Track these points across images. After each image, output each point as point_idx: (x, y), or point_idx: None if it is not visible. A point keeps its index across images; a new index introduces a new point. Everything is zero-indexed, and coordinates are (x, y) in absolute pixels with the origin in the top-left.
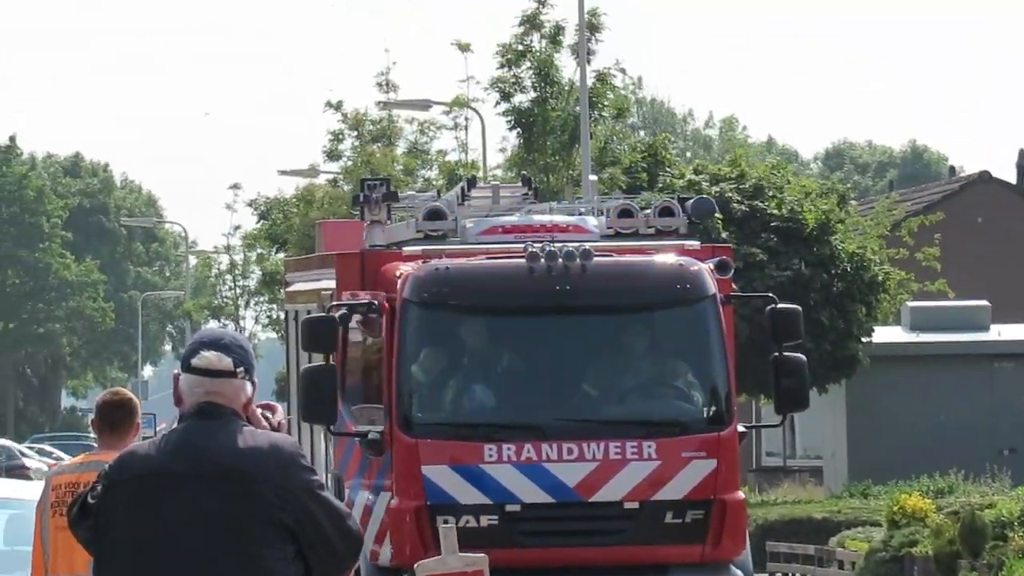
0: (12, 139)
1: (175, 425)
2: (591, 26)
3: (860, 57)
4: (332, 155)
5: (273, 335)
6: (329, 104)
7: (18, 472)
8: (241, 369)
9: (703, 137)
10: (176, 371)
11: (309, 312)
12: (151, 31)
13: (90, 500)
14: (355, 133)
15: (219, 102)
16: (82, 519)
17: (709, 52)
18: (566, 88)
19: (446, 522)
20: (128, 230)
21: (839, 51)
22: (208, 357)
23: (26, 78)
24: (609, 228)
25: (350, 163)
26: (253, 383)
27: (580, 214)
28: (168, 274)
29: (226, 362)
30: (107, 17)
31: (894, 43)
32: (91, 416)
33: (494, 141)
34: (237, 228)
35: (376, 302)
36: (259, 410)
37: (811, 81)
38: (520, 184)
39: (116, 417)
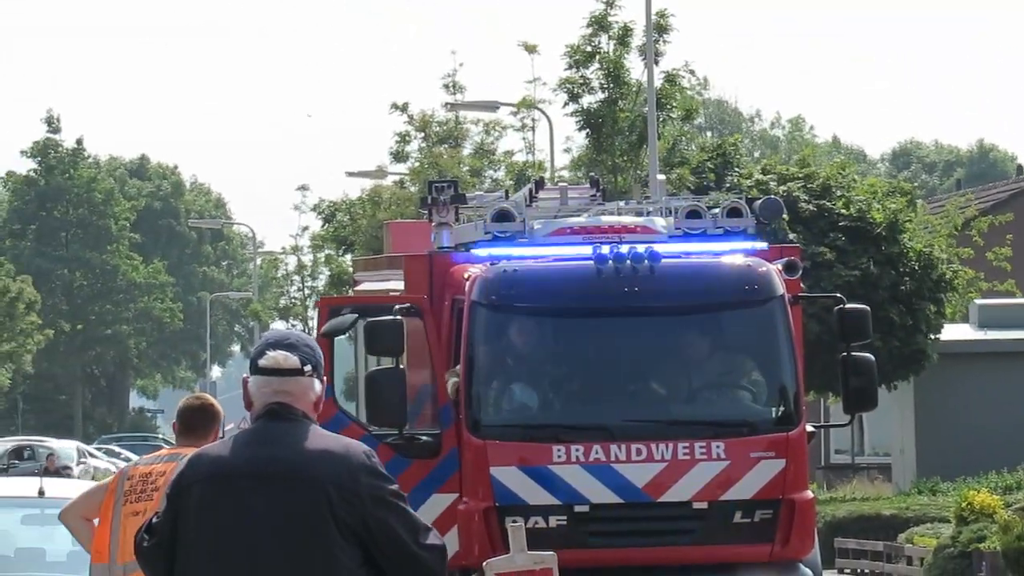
0: (79, 142)
1: (244, 426)
2: (659, 27)
3: (927, 57)
4: (399, 157)
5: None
6: (395, 106)
7: (65, 473)
8: (309, 367)
9: (770, 137)
10: (245, 375)
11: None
12: (217, 34)
13: (154, 520)
14: (422, 135)
15: (288, 104)
16: (148, 539)
17: (776, 52)
18: (634, 89)
19: (514, 522)
20: (196, 231)
21: (907, 51)
22: (275, 356)
23: (92, 81)
24: (677, 228)
25: (417, 164)
26: (322, 381)
27: (648, 214)
28: (236, 274)
29: (293, 360)
30: (174, 18)
31: (961, 42)
32: (163, 417)
33: (561, 142)
34: (305, 229)
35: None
36: None
37: (878, 80)
38: (588, 185)
39: (196, 421)
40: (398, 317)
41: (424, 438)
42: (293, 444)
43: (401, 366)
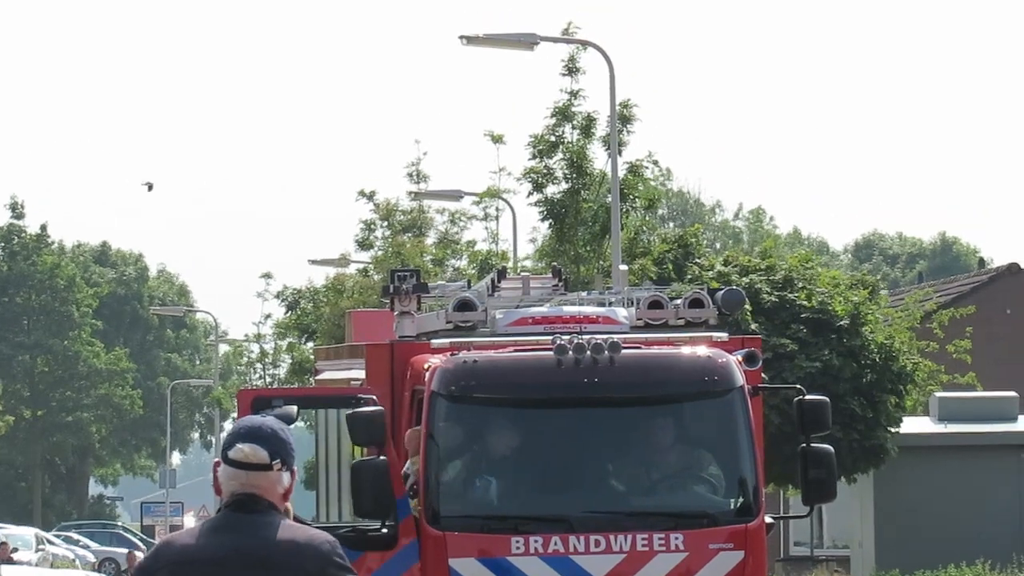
0: (43, 228)
1: (204, 515)
2: (623, 118)
3: (890, 149)
4: (364, 244)
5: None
6: (362, 193)
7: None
8: (278, 461)
9: (731, 228)
10: (216, 459)
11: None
12: (182, 121)
13: None
14: (385, 223)
15: (250, 192)
16: None
17: (739, 143)
18: (598, 179)
19: None
20: (159, 318)
21: (870, 143)
22: (244, 450)
23: (57, 167)
24: (639, 319)
25: (380, 253)
26: (292, 473)
27: (610, 305)
28: (198, 362)
29: (262, 455)
30: (137, 106)
31: (924, 135)
32: (123, 505)
33: (525, 231)
34: (268, 317)
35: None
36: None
37: (841, 173)
38: (550, 275)
39: None
40: (380, 408)
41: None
42: (259, 534)
43: (383, 456)
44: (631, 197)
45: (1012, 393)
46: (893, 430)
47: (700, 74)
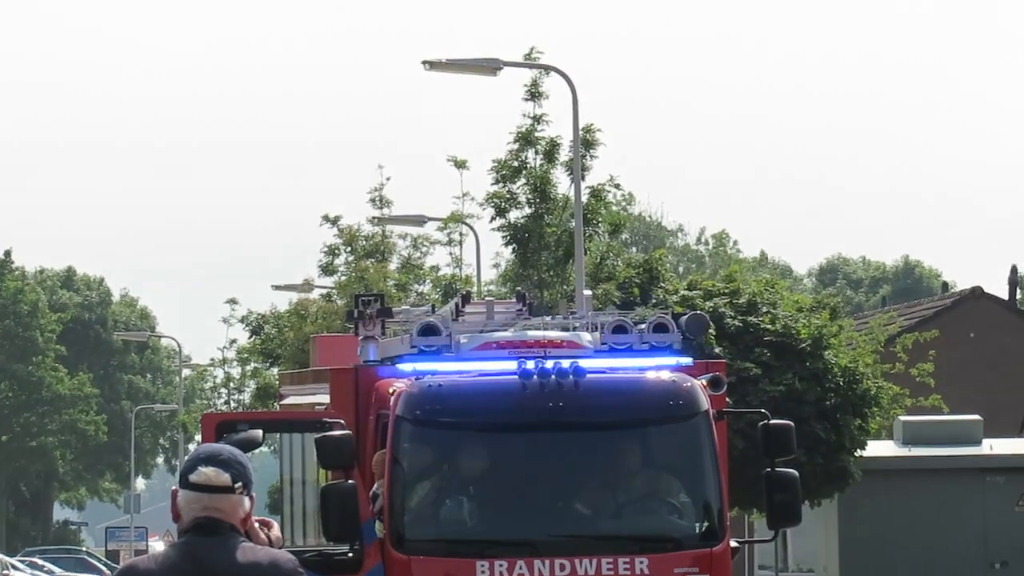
0: (7, 254)
1: (169, 539)
2: (586, 143)
3: (853, 173)
4: (327, 270)
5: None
6: (326, 218)
7: None
8: (239, 484)
9: (694, 252)
10: (174, 487)
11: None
12: (145, 146)
13: None
14: (349, 248)
15: (213, 217)
16: None
17: (702, 168)
18: (561, 204)
19: None
20: (123, 342)
21: (833, 167)
22: (206, 473)
23: (20, 193)
24: (603, 344)
25: (344, 278)
26: (251, 498)
27: (574, 329)
28: (162, 385)
29: (224, 478)
30: (101, 131)
31: (887, 159)
32: (87, 530)
33: (488, 256)
34: (233, 342)
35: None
36: (256, 524)
37: (804, 197)
38: (514, 300)
39: None
40: (348, 431)
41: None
42: (223, 557)
43: (351, 480)
44: (595, 222)
45: (976, 416)
46: (857, 453)
47: (662, 98)
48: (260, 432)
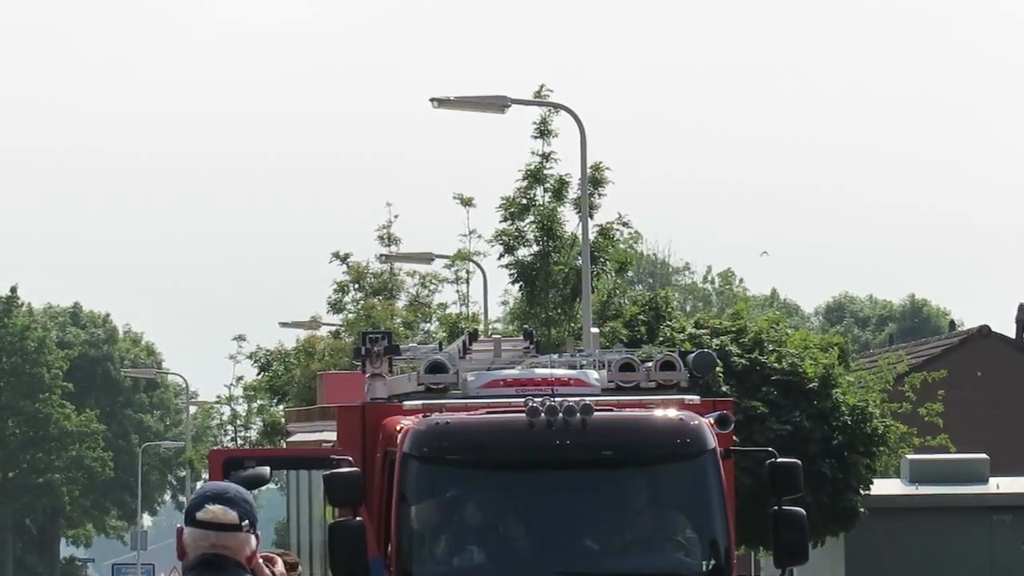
0: (13, 290)
1: None
2: (594, 181)
3: (860, 211)
4: (336, 307)
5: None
6: (336, 255)
7: None
8: (246, 523)
9: (700, 290)
10: (180, 524)
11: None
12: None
13: None
14: (357, 285)
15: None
16: None
17: (708, 205)
18: (569, 242)
19: None
20: (131, 379)
21: (839, 206)
22: (214, 511)
23: (25, 229)
24: (610, 382)
25: (352, 316)
26: (257, 536)
27: (581, 367)
28: (169, 422)
29: (231, 515)
30: (107, 169)
31: (894, 198)
32: (94, 566)
33: (495, 294)
34: (240, 379)
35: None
36: (260, 560)
37: (811, 236)
38: (522, 337)
39: None
40: (356, 469)
41: None
42: None
43: (359, 517)
44: (602, 260)
45: (983, 455)
46: (864, 492)
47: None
48: (267, 469)
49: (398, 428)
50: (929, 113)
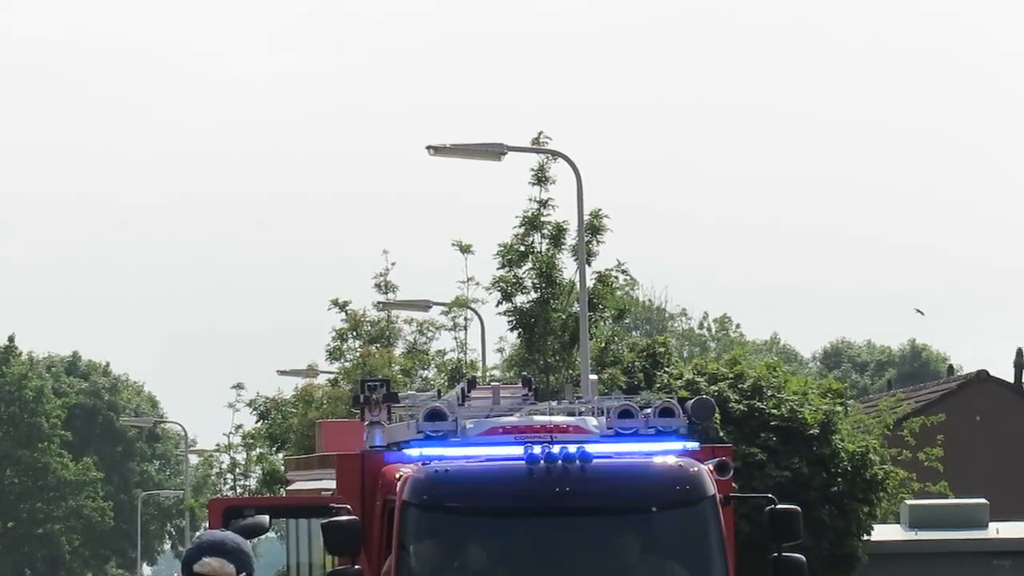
0: (11, 339)
1: None
2: (592, 228)
3: (858, 256)
4: (335, 354)
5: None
6: (335, 303)
7: None
8: (243, 575)
9: (697, 336)
10: (176, 573)
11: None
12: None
13: None
14: (355, 333)
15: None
16: None
17: (705, 251)
18: (567, 289)
19: None
20: (132, 429)
21: (837, 250)
22: (211, 564)
23: (23, 278)
24: (609, 428)
25: (349, 364)
26: None
27: (580, 414)
28: (169, 472)
29: (229, 569)
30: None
31: (892, 242)
32: None
33: (493, 341)
34: (239, 427)
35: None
36: None
37: (808, 281)
38: (520, 384)
39: None
40: (356, 518)
41: None
42: None
43: (358, 566)
44: (600, 307)
45: (982, 500)
46: (864, 538)
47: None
48: (267, 518)
49: (397, 476)
50: (929, 158)
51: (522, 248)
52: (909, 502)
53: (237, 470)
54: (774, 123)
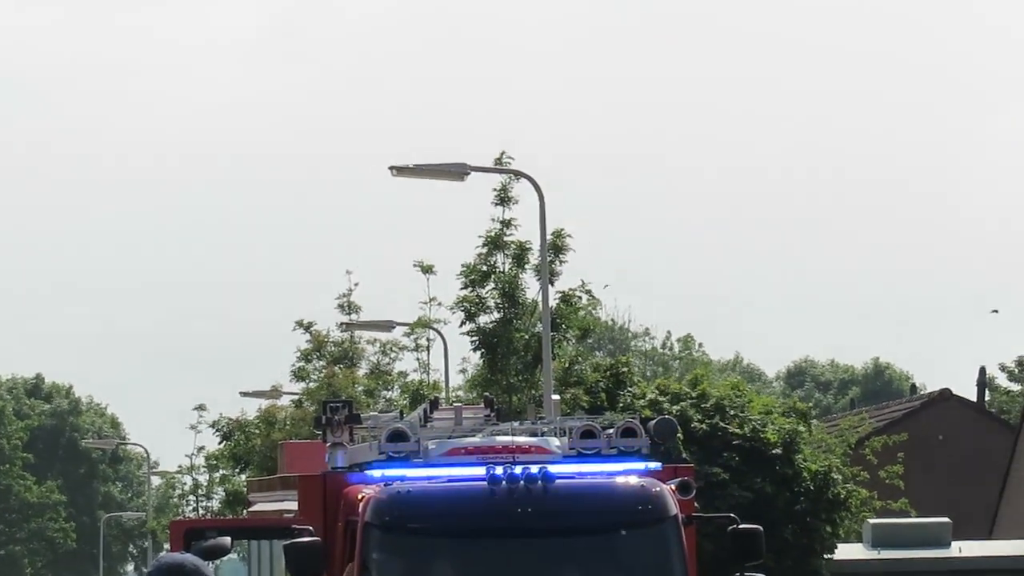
0: None
1: None
2: (555, 247)
3: (821, 275)
4: (300, 375)
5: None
6: (300, 324)
7: None
8: None
9: (660, 355)
10: None
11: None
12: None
13: None
14: (318, 354)
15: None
16: None
17: (668, 271)
18: (530, 309)
19: None
20: (94, 450)
21: (800, 269)
22: None
23: None
24: (571, 448)
25: (313, 384)
26: None
27: (542, 435)
28: (131, 493)
29: None
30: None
31: (855, 261)
32: None
33: (456, 361)
34: (201, 449)
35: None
36: None
37: (772, 300)
38: (482, 405)
39: None
40: (317, 539)
41: None
42: None
43: None
44: (563, 327)
45: (945, 519)
46: (827, 557)
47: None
48: (228, 539)
49: (360, 497)
50: (889, 179)
51: (485, 268)
52: (872, 521)
53: (200, 491)
54: (737, 143)
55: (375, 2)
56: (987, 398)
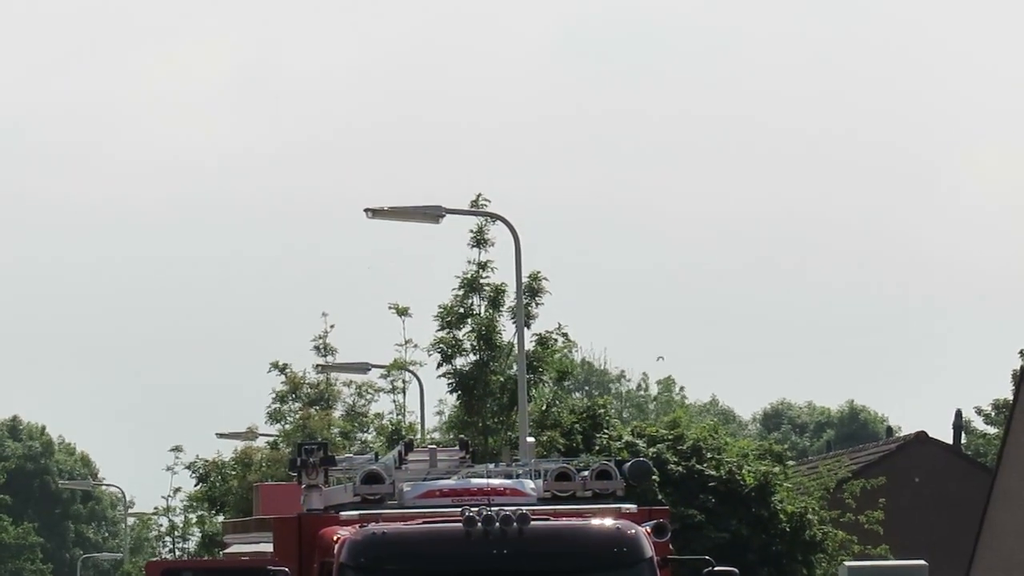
0: None
1: None
2: (531, 290)
3: (797, 318)
4: (275, 416)
5: None
6: (275, 366)
7: None
8: None
9: (636, 397)
10: None
11: None
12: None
13: None
14: (294, 395)
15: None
16: None
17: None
18: (506, 351)
19: None
20: (68, 491)
21: (775, 311)
22: None
23: None
24: (547, 491)
25: (289, 426)
26: None
27: (517, 477)
28: (107, 534)
29: None
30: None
31: (830, 304)
32: None
33: (433, 403)
34: (177, 490)
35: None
36: None
37: (748, 344)
38: (457, 447)
39: None
40: None
41: None
42: None
43: None
44: (540, 369)
45: (921, 561)
46: None
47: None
48: None
49: (335, 539)
50: (865, 220)
51: (461, 310)
52: (848, 564)
53: (176, 533)
54: (714, 186)
55: (350, 44)
56: (963, 441)
